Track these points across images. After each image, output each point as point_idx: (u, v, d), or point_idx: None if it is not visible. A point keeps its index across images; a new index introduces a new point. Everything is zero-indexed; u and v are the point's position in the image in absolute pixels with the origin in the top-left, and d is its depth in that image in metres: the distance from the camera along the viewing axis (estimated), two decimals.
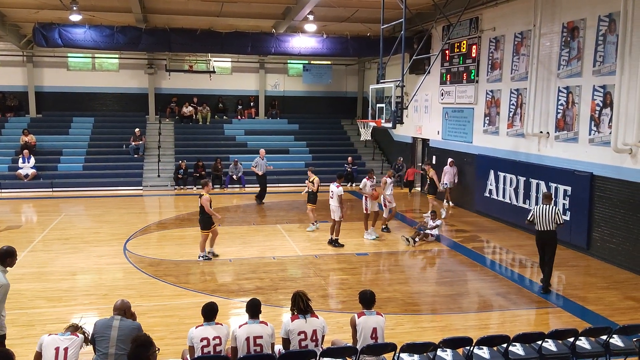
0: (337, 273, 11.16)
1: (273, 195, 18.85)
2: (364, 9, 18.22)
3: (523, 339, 6.37)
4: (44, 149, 22.26)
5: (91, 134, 23.88)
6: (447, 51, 18.33)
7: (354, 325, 6.11)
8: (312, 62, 26.66)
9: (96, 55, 24.97)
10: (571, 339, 6.47)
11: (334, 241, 13.05)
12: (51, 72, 24.66)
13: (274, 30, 20.32)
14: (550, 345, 6.43)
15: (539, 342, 6.38)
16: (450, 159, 17.95)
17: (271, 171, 19.23)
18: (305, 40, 20.02)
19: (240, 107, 26.44)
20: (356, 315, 6.15)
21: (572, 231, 12.76)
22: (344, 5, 17.91)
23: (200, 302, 6.22)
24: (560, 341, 6.50)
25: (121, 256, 12.03)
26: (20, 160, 20.73)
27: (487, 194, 16.44)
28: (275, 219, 16.37)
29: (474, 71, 17.01)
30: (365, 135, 17.84)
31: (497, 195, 15.92)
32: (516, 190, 15.03)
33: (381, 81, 15.27)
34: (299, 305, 6.01)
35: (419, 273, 11.67)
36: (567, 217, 12.81)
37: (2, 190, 19.91)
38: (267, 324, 5.94)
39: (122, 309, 5.81)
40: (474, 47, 16.93)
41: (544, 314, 9.23)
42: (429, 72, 16.18)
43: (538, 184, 14.07)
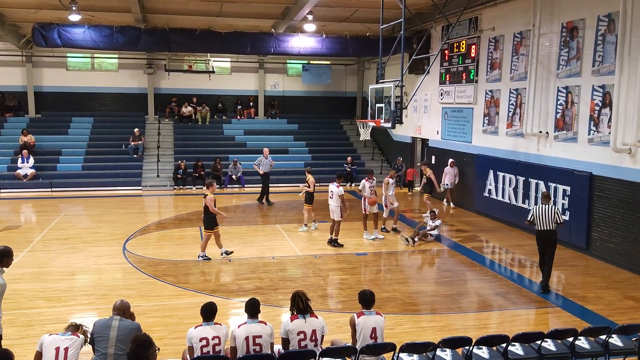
0: (337, 273, 11.16)
1: (273, 195, 18.83)
2: (364, 8, 18.22)
3: (522, 338, 6.37)
4: (43, 149, 22.25)
5: (90, 134, 23.87)
6: (446, 51, 18.34)
7: (353, 325, 6.11)
8: (311, 62, 26.66)
9: (95, 55, 24.96)
10: (570, 339, 6.47)
11: (333, 241, 13.05)
12: (50, 72, 24.65)
13: (273, 30, 20.31)
14: (549, 345, 6.43)
15: (539, 342, 6.38)
16: (450, 160, 17.95)
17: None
18: (305, 40, 20.03)
19: (239, 107, 26.44)
20: (355, 315, 6.14)
21: (571, 231, 12.76)
22: (344, 5, 17.91)
23: (200, 302, 6.22)
24: (559, 341, 6.50)
25: (120, 256, 12.02)
26: (20, 160, 20.72)
27: (486, 194, 16.44)
28: (274, 219, 16.37)
29: (473, 71, 17.02)
30: (365, 135, 17.84)
31: (497, 195, 15.93)
32: (515, 190, 15.04)
33: (380, 81, 15.27)
34: (298, 305, 6.01)
35: (418, 273, 11.67)
36: (567, 217, 12.82)
37: (1, 191, 19.90)
38: (266, 324, 5.94)
39: (122, 309, 5.80)
40: (474, 47, 16.93)
41: (543, 313, 9.23)
42: (429, 72, 16.20)
43: (537, 184, 14.08)
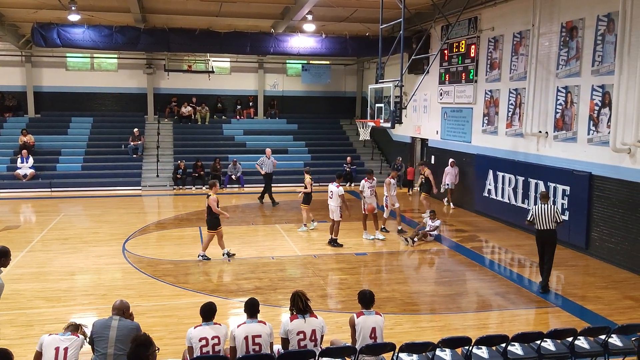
0: (336, 273, 11.16)
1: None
2: (363, 8, 18.22)
3: (522, 338, 6.37)
4: (42, 149, 22.24)
5: (90, 134, 23.87)
6: (446, 51, 18.34)
7: (353, 325, 6.11)
8: (311, 62, 26.66)
9: (95, 55, 24.95)
10: (570, 339, 6.48)
11: (332, 241, 13.05)
12: (50, 72, 24.64)
13: (272, 30, 20.30)
14: (549, 344, 6.44)
15: (538, 342, 6.38)
16: (451, 159, 17.93)
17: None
18: (304, 40, 20.02)
19: (239, 107, 26.44)
20: (355, 315, 6.14)
21: (571, 231, 12.77)
22: (343, 5, 17.91)
23: (199, 302, 6.22)
24: (559, 341, 6.50)
25: (120, 256, 12.02)
26: (19, 160, 20.71)
27: (486, 194, 16.44)
28: (274, 219, 16.37)
29: (472, 71, 17.02)
30: (364, 135, 17.84)
31: (496, 195, 15.93)
32: (515, 190, 15.04)
33: (380, 81, 15.28)
34: (298, 305, 6.01)
35: (418, 273, 11.68)
36: (566, 217, 12.82)
37: (1, 191, 19.88)
38: (265, 324, 5.94)
39: (121, 309, 5.80)
40: (473, 47, 16.94)
41: (542, 313, 9.24)
42: (428, 72, 16.21)
43: (537, 184, 14.08)
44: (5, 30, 20.51)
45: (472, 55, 16.97)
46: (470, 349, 6.19)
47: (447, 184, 17.80)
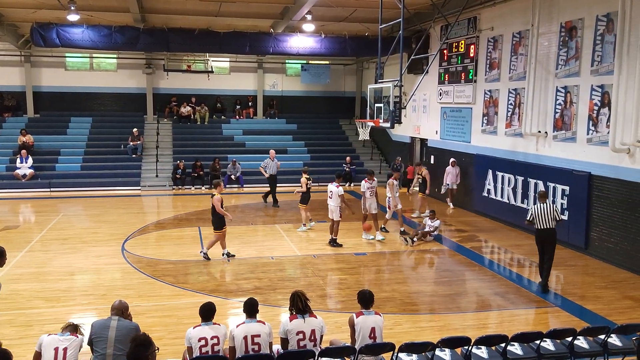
0: (336, 273, 11.16)
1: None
2: (362, 8, 18.22)
3: (521, 338, 6.38)
4: (41, 149, 22.24)
5: (89, 134, 23.86)
6: (445, 51, 18.34)
7: (352, 325, 6.11)
8: (310, 62, 26.65)
9: (94, 55, 24.93)
10: (569, 339, 6.48)
11: (332, 241, 13.05)
12: (49, 72, 24.61)
13: (272, 30, 20.30)
14: (548, 344, 6.44)
15: (537, 342, 6.38)
16: (452, 159, 17.84)
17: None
18: (304, 40, 20.01)
19: (238, 107, 26.43)
20: (354, 315, 6.14)
21: (570, 231, 12.77)
22: (342, 5, 17.91)
23: (199, 302, 6.22)
24: (558, 341, 6.51)
25: (119, 256, 12.01)
26: (18, 160, 20.70)
27: (485, 194, 16.45)
28: (273, 219, 16.37)
29: (472, 71, 17.03)
30: (364, 135, 17.83)
31: (496, 195, 15.94)
32: (514, 190, 15.05)
33: (379, 81, 15.27)
34: (297, 305, 6.01)
35: (417, 273, 11.68)
36: (565, 217, 12.82)
37: (0, 191, 19.87)
38: (264, 323, 5.94)
39: (120, 309, 5.79)
40: (472, 46, 16.94)
41: (542, 313, 9.24)
42: (427, 72, 16.18)
43: (536, 184, 14.08)
44: (5, 30, 20.50)
45: (472, 55, 16.98)
46: (469, 348, 6.19)
47: (448, 184, 17.76)
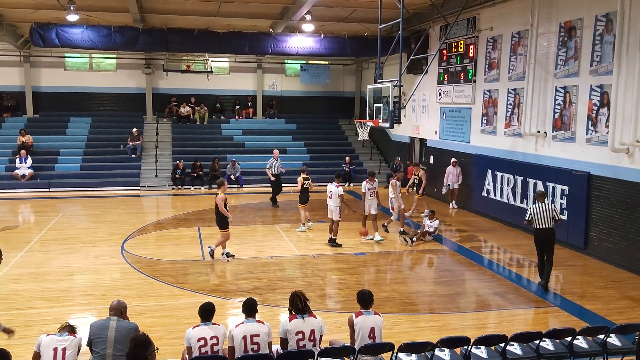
0: (335, 273, 11.16)
1: (269, 195, 18.79)
2: (362, 8, 18.22)
3: (521, 338, 6.38)
4: (41, 149, 22.23)
5: (88, 134, 23.84)
6: (444, 51, 18.34)
7: (351, 325, 6.11)
8: (309, 62, 26.64)
9: (93, 55, 24.92)
10: (569, 338, 6.48)
11: (332, 241, 13.05)
12: (48, 72, 24.60)
13: (271, 30, 20.29)
14: (547, 344, 6.44)
15: (537, 342, 6.38)
16: (453, 159, 17.75)
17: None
18: (303, 40, 20.01)
19: (237, 107, 26.43)
20: (354, 315, 6.14)
21: (569, 231, 12.78)
22: (342, 5, 17.91)
23: (198, 302, 6.22)
24: (557, 340, 6.51)
25: (119, 256, 12.01)
26: (17, 160, 20.69)
27: (484, 194, 16.45)
28: (272, 219, 16.37)
29: (471, 71, 17.03)
30: (363, 135, 17.83)
31: (495, 195, 15.94)
32: (514, 190, 15.05)
33: (379, 81, 15.28)
34: (297, 305, 6.01)
35: (416, 273, 11.68)
36: (565, 217, 12.83)
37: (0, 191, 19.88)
38: (263, 323, 5.94)
39: (119, 309, 5.78)
40: (472, 47, 16.94)
41: (541, 313, 9.24)
42: (427, 72, 16.18)
43: (535, 184, 14.09)
44: (4, 30, 20.47)
45: (471, 55, 16.98)
46: (469, 348, 6.19)
47: (449, 184, 17.71)
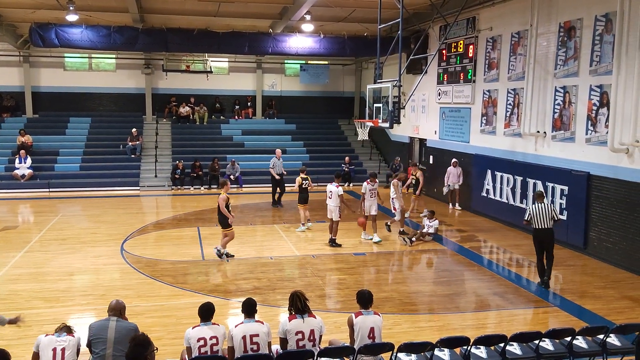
0: (335, 273, 11.16)
1: (270, 195, 18.79)
2: (361, 8, 18.22)
3: (520, 338, 6.38)
4: (40, 149, 22.22)
5: (88, 134, 23.84)
6: (444, 51, 18.35)
7: (351, 325, 6.11)
8: (309, 62, 26.64)
9: (93, 55, 24.92)
10: (568, 338, 6.48)
11: (331, 241, 13.05)
12: (48, 72, 24.59)
13: (271, 30, 20.30)
14: (547, 344, 6.44)
15: (536, 342, 6.38)
16: (454, 160, 17.66)
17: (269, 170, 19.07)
18: (303, 40, 20.01)
19: (237, 107, 26.43)
20: (354, 315, 6.14)
21: (569, 231, 12.78)
22: (341, 5, 17.91)
23: (198, 302, 6.21)
24: (557, 340, 6.51)
25: (118, 256, 12.01)
26: (17, 160, 20.69)
27: (484, 194, 16.45)
28: (272, 219, 16.37)
29: (471, 71, 17.03)
30: (363, 135, 17.82)
31: (495, 195, 15.94)
32: (513, 190, 15.05)
33: (378, 81, 15.28)
34: (296, 305, 6.01)
35: (416, 273, 11.68)
36: (564, 217, 12.83)
37: None
38: (263, 323, 5.94)
39: (118, 309, 5.77)
40: (471, 47, 16.95)
41: (541, 313, 9.24)
42: (426, 72, 16.17)
43: (535, 184, 14.09)
44: (3, 30, 20.48)
45: (471, 55, 16.99)
46: (468, 348, 6.19)
47: (449, 185, 17.67)
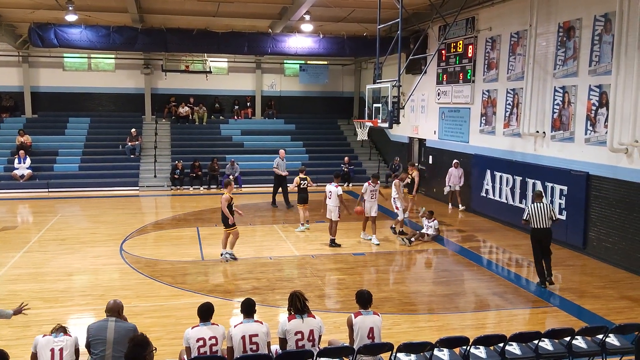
0: (334, 273, 11.15)
1: (269, 195, 18.78)
2: (360, 9, 18.22)
3: (520, 338, 6.38)
4: (39, 149, 22.21)
5: (87, 134, 23.83)
6: (443, 51, 18.35)
7: (350, 325, 6.11)
8: (308, 62, 26.62)
9: (92, 56, 24.90)
10: (567, 338, 6.48)
11: (331, 241, 13.05)
12: (47, 72, 24.57)
13: (270, 30, 20.29)
14: (546, 344, 6.44)
15: (536, 342, 6.38)
16: (455, 161, 17.57)
17: (269, 170, 19.05)
18: (302, 40, 20.00)
19: (236, 107, 26.42)
20: (353, 315, 6.14)
21: (568, 231, 12.79)
22: (341, 5, 17.91)
23: (197, 303, 6.20)
24: (556, 340, 6.51)
25: (117, 257, 12.00)
26: (16, 160, 20.68)
27: (483, 194, 16.46)
28: (271, 219, 16.37)
29: (470, 71, 17.04)
30: (362, 135, 17.82)
31: (494, 195, 15.95)
32: (512, 190, 15.06)
33: (378, 81, 15.29)
34: (296, 305, 6.01)
35: (415, 273, 11.68)
36: (564, 217, 12.84)
37: None
38: (262, 323, 5.94)
39: (115, 309, 5.76)
40: (471, 47, 16.95)
41: (540, 313, 9.24)
42: (426, 72, 16.19)
43: (534, 184, 14.10)
44: (3, 30, 20.48)
45: (470, 55, 16.99)
46: (468, 348, 6.19)
47: (450, 186, 17.62)
